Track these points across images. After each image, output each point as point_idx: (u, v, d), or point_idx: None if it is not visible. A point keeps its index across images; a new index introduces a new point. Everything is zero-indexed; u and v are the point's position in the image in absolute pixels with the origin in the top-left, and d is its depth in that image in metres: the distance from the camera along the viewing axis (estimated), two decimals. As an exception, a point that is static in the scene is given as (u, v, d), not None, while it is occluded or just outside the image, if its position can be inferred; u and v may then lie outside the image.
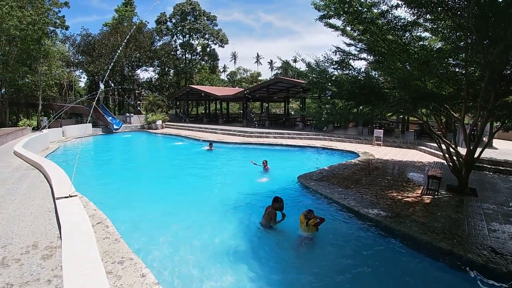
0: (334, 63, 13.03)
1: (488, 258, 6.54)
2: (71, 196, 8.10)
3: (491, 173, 15.00)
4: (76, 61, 51.69)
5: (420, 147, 21.48)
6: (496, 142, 21.32)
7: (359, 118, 16.64)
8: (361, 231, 8.63)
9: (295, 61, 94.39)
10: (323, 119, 14.04)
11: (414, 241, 7.57)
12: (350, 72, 13.07)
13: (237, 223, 9.45)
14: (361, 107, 14.67)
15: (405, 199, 10.53)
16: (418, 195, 11.01)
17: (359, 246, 7.93)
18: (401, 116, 25.77)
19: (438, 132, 13.14)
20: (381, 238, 8.17)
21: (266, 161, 16.34)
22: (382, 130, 23.56)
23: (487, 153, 16.80)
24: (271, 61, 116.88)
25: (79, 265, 4.47)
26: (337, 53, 12.93)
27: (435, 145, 12.48)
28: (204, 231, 8.91)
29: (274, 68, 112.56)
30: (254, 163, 16.32)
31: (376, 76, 13.55)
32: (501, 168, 15.18)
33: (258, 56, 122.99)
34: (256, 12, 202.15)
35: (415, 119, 16.35)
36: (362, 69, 13.17)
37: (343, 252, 7.74)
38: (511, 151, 18.28)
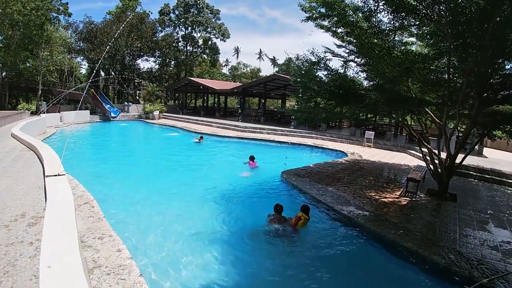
0: (312, 63, 13.12)
1: (453, 261, 6.60)
2: (59, 175, 8.39)
3: (476, 181, 15.14)
4: (78, 48, 51.62)
5: (410, 151, 21.64)
6: (487, 151, 21.43)
7: (332, 117, 16.71)
8: (333, 226, 8.92)
9: (297, 58, 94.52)
10: (298, 116, 14.20)
11: (381, 239, 7.70)
12: (328, 72, 13.15)
13: (214, 213, 9.69)
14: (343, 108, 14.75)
15: (382, 199, 10.68)
16: (396, 196, 11.14)
17: (328, 239, 8.21)
18: (393, 120, 25.84)
19: (427, 136, 13.19)
20: (351, 234, 8.42)
21: (253, 157, 16.29)
22: (373, 132, 23.69)
23: (475, 161, 16.94)
24: (274, 57, 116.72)
25: (57, 229, 4.82)
26: (314, 54, 13.01)
27: (426, 149, 12.52)
28: (182, 218, 9.24)
29: (277, 65, 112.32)
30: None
31: (351, 77, 13.65)
32: (486, 176, 15.31)
33: (260, 51, 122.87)
34: (261, 7, 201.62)
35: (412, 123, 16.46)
36: (340, 70, 13.29)
37: (314, 244, 8.07)
38: (500, 161, 18.41)
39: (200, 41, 68.24)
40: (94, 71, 43.89)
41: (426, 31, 10.46)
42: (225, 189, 12.16)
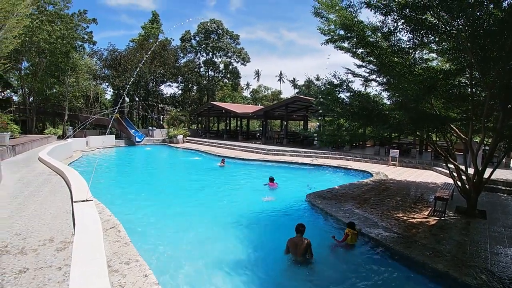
0: (334, 86, 13.15)
1: (485, 281, 6.45)
2: (87, 200, 8.57)
3: (505, 195, 14.79)
4: (103, 74, 53.28)
5: (436, 168, 21.30)
6: (515, 164, 20.94)
7: (356, 139, 16.53)
8: (361, 250, 8.74)
9: (317, 79, 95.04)
10: (323, 139, 14.22)
11: (411, 261, 7.54)
12: (350, 94, 13.18)
13: (238, 239, 9.66)
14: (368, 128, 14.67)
15: (410, 220, 10.47)
16: (425, 216, 10.91)
17: (356, 263, 8.14)
18: (417, 138, 25.51)
19: (453, 152, 13.02)
20: (379, 257, 8.26)
21: (273, 178, 16.47)
22: (398, 151, 23.40)
23: (503, 174, 16.62)
24: (294, 79, 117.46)
25: (85, 254, 4.95)
26: (336, 77, 13.05)
27: (452, 166, 12.34)
28: (206, 244, 9.26)
29: (297, 87, 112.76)
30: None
31: (374, 96, 13.60)
32: (516, 190, 14.89)
33: (280, 74, 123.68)
34: (278, 30, 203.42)
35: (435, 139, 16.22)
36: (361, 89, 13.33)
37: (340, 268, 8.08)
38: (529, 172, 17.94)
39: (221, 66, 69.41)
40: (121, 99, 44.98)
41: (446, 46, 10.45)
42: (248, 213, 12.13)
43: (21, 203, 9.42)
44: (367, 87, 15.45)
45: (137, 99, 54.82)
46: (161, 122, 55.87)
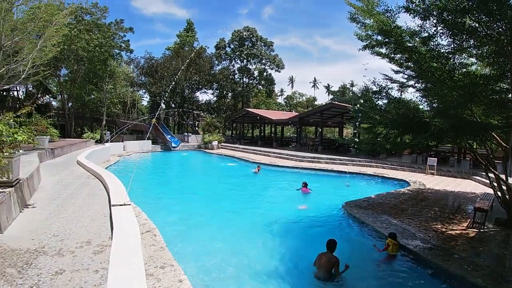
0: (373, 93, 13.07)
1: (524, 297, 6.34)
2: (125, 205, 8.63)
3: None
4: (140, 82, 54.70)
5: (475, 177, 20.73)
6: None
7: (396, 148, 16.15)
8: (399, 262, 8.60)
9: (352, 85, 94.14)
10: (362, 148, 14.14)
11: (449, 275, 7.42)
12: (389, 101, 13.06)
13: (273, 248, 9.74)
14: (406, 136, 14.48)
15: (449, 232, 10.23)
16: (463, 228, 10.65)
17: (394, 276, 8.03)
18: (455, 145, 24.89)
19: (493, 160, 12.72)
20: (416, 270, 8.10)
21: (306, 183, 16.63)
22: (436, 159, 22.89)
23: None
24: (328, 85, 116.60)
25: (123, 258, 4.99)
26: (375, 83, 12.95)
27: (492, 175, 12.04)
28: (241, 251, 9.33)
29: (332, 93, 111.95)
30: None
31: (413, 104, 13.40)
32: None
33: (315, 80, 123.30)
34: (313, 37, 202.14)
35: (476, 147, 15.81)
36: (397, 94, 13.18)
37: (378, 281, 8.05)
38: None
39: (256, 73, 69.60)
40: (161, 105, 46.10)
41: (485, 50, 10.22)
42: (284, 222, 12.10)
43: (59, 205, 9.57)
44: (403, 93, 15.23)
45: (173, 105, 55.94)
46: (196, 128, 56.69)
